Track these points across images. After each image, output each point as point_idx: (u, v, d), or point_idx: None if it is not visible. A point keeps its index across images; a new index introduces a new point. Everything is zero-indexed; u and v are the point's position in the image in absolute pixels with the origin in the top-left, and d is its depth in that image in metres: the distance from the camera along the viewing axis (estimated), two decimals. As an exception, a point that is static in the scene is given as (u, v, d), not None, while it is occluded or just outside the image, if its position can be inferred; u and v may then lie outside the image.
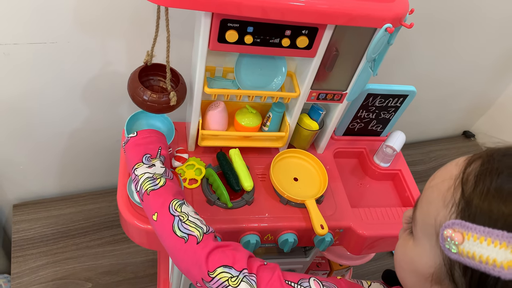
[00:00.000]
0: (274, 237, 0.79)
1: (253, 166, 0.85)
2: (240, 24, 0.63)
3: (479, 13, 1.29)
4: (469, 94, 1.66)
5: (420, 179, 1.60)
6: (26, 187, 1.23)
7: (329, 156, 0.92)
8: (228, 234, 0.76)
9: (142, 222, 0.72)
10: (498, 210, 0.35)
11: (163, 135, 0.72)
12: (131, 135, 0.69)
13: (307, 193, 0.81)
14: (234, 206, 0.77)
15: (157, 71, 0.77)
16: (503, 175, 0.37)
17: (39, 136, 1.09)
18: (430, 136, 1.79)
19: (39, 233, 1.18)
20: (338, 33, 0.68)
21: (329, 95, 0.78)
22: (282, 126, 0.85)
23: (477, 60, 1.49)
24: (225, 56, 0.76)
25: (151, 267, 1.18)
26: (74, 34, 0.89)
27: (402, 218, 0.52)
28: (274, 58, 0.75)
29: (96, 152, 1.20)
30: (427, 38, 1.30)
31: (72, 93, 1.02)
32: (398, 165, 0.93)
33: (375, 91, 0.84)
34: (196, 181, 0.80)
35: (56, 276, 1.11)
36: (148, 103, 0.71)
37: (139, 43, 0.95)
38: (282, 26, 0.64)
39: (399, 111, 0.90)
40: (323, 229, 0.75)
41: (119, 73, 0.99)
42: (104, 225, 1.23)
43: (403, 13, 0.64)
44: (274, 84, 0.78)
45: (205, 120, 0.81)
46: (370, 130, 0.95)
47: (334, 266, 1.12)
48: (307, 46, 0.68)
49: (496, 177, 0.37)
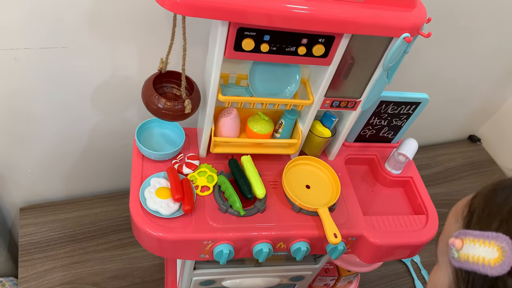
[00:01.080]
0: (286, 245, 0.78)
1: (265, 173, 0.84)
2: (256, 33, 0.63)
3: (486, 18, 1.29)
4: (475, 98, 1.65)
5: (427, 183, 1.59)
6: (33, 191, 1.22)
7: (340, 162, 0.91)
8: (240, 242, 0.75)
9: (154, 230, 0.72)
10: (492, 216, 0.40)
11: None
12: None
13: (320, 201, 0.80)
14: (247, 214, 0.77)
15: (171, 78, 0.77)
16: (506, 190, 0.42)
17: (47, 140, 1.09)
18: (436, 140, 1.79)
19: (46, 237, 1.18)
20: (355, 42, 0.67)
21: (343, 102, 0.78)
22: (294, 133, 0.85)
23: (483, 64, 1.49)
24: (239, 63, 0.76)
25: (158, 271, 1.17)
26: (86, 39, 0.88)
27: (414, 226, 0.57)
28: (288, 66, 0.75)
29: (104, 156, 1.19)
30: (433, 43, 1.30)
31: (81, 98, 1.01)
32: (410, 172, 0.93)
33: (388, 98, 0.84)
34: (208, 188, 0.79)
35: (63, 280, 1.11)
36: (162, 111, 0.71)
37: (150, 49, 0.94)
38: (298, 34, 0.64)
39: (411, 118, 0.90)
40: (337, 238, 0.74)
41: (129, 78, 0.99)
42: (111, 229, 1.23)
43: (421, 22, 0.64)
44: (288, 92, 0.78)
45: (217, 127, 0.81)
46: (382, 137, 0.94)
47: (342, 272, 1.11)
48: (323, 54, 0.67)
49: (500, 192, 0.42)
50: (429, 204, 0.88)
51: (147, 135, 0.84)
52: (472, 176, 1.69)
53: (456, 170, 1.69)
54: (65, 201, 1.26)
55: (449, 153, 1.76)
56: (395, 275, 1.32)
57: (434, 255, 1.40)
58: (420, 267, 1.35)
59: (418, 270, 1.34)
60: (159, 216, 0.73)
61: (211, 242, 0.74)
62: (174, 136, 0.85)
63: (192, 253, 0.76)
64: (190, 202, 0.74)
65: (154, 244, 0.75)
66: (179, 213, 0.74)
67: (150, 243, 0.75)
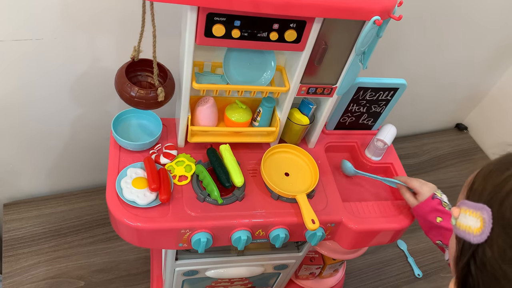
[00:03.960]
0: (265, 232, 0.78)
1: (244, 161, 0.84)
2: (226, 18, 0.62)
3: (471, 6, 1.29)
4: (461, 86, 1.66)
5: (413, 172, 1.61)
6: (16, 186, 1.21)
7: (321, 150, 0.91)
8: (218, 230, 0.75)
9: (130, 219, 0.72)
10: (484, 189, 0.43)
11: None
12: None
13: (298, 188, 0.80)
14: (225, 202, 0.77)
15: (145, 67, 0.76)
16: (503, 166, 0.43)
17: (28, 134, 1.08)
18: (423, 129, 1.80)
19: (31, 232, 1.18)
20: (327, 27, 0.67)
21: (319, 89, 0.78)
22: (273, 121, 0.85)
23: (469, 53, 1.49)
24: (213, 51, 0.75)
25: (144, 264, 1.17)
26: (61, 30, 0.88)
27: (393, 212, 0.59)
28: (263, 53, 0.74)
29: (87, 150, 1.19)
30: (419, 32, 1.30)
31: (60, 90, 1.00)
32: (390, 159, 0.93)
33: (366, 84, 0.84)
34: (186, 177, 0.79)
35: (48, 275, 1.11)
36: (135, 99, 0.70)
37: (128, 39, 0.93)
38: (269, 19, 0.64)
39: (389, 104, 0.90)
40: (314, 224, 0.74)
41: (108, 69, 0.98)
42: (96, 223, 1.22)
43: (391, 5, 0.64)
44: (264, 79, 0.78)
45: (194, 116, 0.80)
46: (361, 124, 0.94)
47: (327, 260, 1.12)
48: (296, 39, 0.67)
49: (497, 168, 0.43)
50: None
51: (124, 126, 0.83)
52: (459, 164, 1.70)
53: (443, 159, 1.70)
54: (50, 196, 1.25)
55: (436, 141, 1.77)
56: (382, 263, 1.33)
57: (420, 243, 1.41)
58: (406, 254, 1.36)
59: (405, 258, 1.35)
60: (136, 206, 0.73)
61: (188, 231, 0.74)
62: (151, 126, 0.84)
63: (170, 242, 0.75)
64: (166, 192, 0.73)
65: (132, 234, 0.75)
66: (156, 203, 0.74)
67: (128, 233, 0.75)
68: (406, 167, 0.94)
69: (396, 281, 1.29)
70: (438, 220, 0.76)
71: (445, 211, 0.77)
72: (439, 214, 0.76)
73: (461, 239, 0.43)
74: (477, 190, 0.44)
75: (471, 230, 0.41)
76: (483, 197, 0.42)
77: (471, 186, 0.45)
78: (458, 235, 0.44)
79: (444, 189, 1.57)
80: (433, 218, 0.77)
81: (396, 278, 1.30)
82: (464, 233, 0.42)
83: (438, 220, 0.76)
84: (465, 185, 0.48)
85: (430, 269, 1.34)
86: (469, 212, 0.42)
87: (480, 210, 0.41)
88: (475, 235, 0.41)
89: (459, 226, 0.43)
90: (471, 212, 0.42)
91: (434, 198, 0.78)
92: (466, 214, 0.43)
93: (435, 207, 0.77)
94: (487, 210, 0.40)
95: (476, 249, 0.41)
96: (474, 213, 0.42)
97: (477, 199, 0.43)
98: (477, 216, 0.41)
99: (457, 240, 0.45)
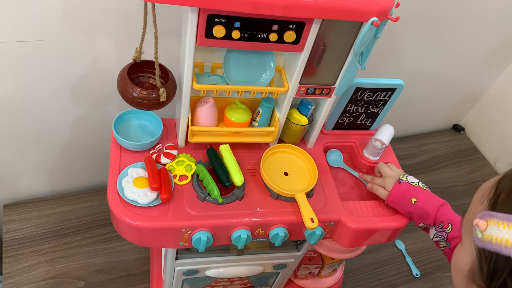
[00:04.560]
0: (265, 231, 0.79)
1: (244, 161, 0.85)
2: (227, 19, 0.63)
3: (467, 7, 1.31)
4: (458, 87, 1.67)
5: (412, 172, 1.61)
6: (16, 187, 1.22)
7: (319, 150, 0.92)
8: (219, 229, 0.76)
9: (131, 218, 0.72)
10: None
11: None
12: None
13: (298, 187, 0.81)
14: (225, 201, 0.78)
15: (147, 68, 0.77)
16: None
17: (28, 135, 1.09)
18: (421, 129, 1.81)
19: (31, 232, 1.18)
20: (325, 28, 0.68)
21: (318, 89, 0.79)
22: (272, 121, 0.86)
23: (466, 53, 1.51)
24: (213, 52, 0.76)
25: (144, 264, 1.18)
26: (62, 32, 0.89)
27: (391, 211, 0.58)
28: (262, 53, 0.76)
29: (87, 150, 1.19)
30: (416, 32, 1.31)
31: (61, 91, 1.01)
32: (388, 158, 0.94)
33: (363, 85, 0.85)
34: (186, 177, 0.80)
35: (48, 275, 1.11)
36: (138, 100, 0.71)
37: (128, 40, 0.94)
38: (269, 21, 0.65)
39: (387, 104, 0.91)
40: (313, 223, 0.75)
41: (109, 70, 0.99)
42: (96, 223, 1.23)
43: (389, 6, 0.65)
44: (263, 79, 0.79)
45: (194, 116, 0.81)
46: (360, 124, 0.95)
47: (326, 260, 1.13)
48: (295, 40, 0.68)
49: None
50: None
51: (125, 126, 0.84)
52: (456, 164, 1.71)
53: (440, 159, 1.71)
54: (49, 197, 1.26)
55: (434, 142, 1.78)
56: (380, 262, 1.34)
57: (418, 243, 1.42)
58: (404, 254, 1.37)
59: (403, 258, 1.36)
60: (137, 205, 0.74)
61: (189, 230, 0.74)
62: (152, 127, 0.85)
63: (170, 241, 0.76)
64: (167, 191, 0.74)
65: (133, 233, 0.75)
66: (157, 202, 0.75)
67: (129, 232, 0.76)
68: (404, 167, 0.95)
69: (394, 281, 1.30)
70: (413, 201, 0.78)
71: (415, 188, 0.78)
72: (412, 196, 0.78)
73: (491, 254, 0.41)
74: (507, 200, 0.41)
75: (509, 244, 0.39)
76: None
77: (495, 196, 0.43)
78: (487, 248, 0.41)
79: (442, 189, 1.59)
80: (407, 201, 0.78)
81: (394, 278, 1.31)
82: (500, 247, 0.39)
83: (413, 201, 0.78)
84: (482, 196, 0.45)
85: (428, 269, 1.35)
86: (503, 224, 0.40)
87: None
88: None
89: (489, 239, 0.40)
90: (505, 224, 0.39)
91: (401, 182, 0.80)
92: (498, 227, 0.40)
93: (405, 190, 0.79)
94: None
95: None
96: (510, 225, 0.39)
97: (510, 210, 0.41)
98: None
99: (484, 255, 0.42)
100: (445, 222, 0.76)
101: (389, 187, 0.82)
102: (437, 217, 0.77)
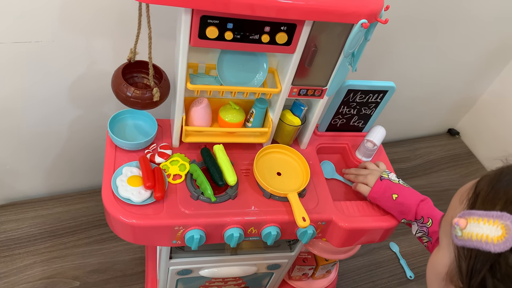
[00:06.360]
0: (257, 230, 0.80)
1: (237, 161, 0.86)
2: (220, 21, 0.65)
3: (462, 12, 1.32)
4: (453, 92, 1.69)
5: (406, 176, 1.63)
6: (13, 187, 1.23)
7: (312, 151, 0.94)
8: (211, 227, 0.77)
9: (126, 216, 0.73)
10: (497, 196, 0.41)
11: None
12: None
13: (290, 187, 0.82)
14: (218, 200, 0.79)
15: (141, 68, 0.78)
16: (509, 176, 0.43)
17: (25, 136, 1.10)
18: (416, 134, 1.82)
19: (27, 233, 1.19)
20: (317, 29, 0.70)
21: (310, 90, 0.80)
22: (265, 122, 0.87)
23: (460, 58, 1.53)
24: (207, 53, 0.78)
25: (139, 265, 1.19)
26: (59, 33, 0.90)
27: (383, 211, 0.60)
28: (255, 55, 0.77)
29: (83, 151, 1.21)
30: (411, 37, 1.33)
31: (58, 92, 1.02)
32: (380, 160, 0.95)
33: (355, 87, 0.86)
34: (180, 176, 0.81)
35: (44, 275, 1.12)
36: (131, 99, 0.73)
37: (125, 42, 0.95)
38: (261, 22, 0.66)
39: (379, 106, 0.92)
40: (305, 221, 0.76)
41: (105, 71, 1.00)
42: (92, 224, 1.24)
43: (378, 9, 0.66)
44: (256, 80, 0.80)
45: (189, 117, 0.82)
46: (352, 126, 0.97)
47: (320, 261, 1.13)
48: (286, 42, 0.69)
49: (505, 176, 0.43)
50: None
51: (121, 126, 0.85)
52: (451, 168, 1.72)
53: (435, 163, 1.73)
54: (46, 197, 1.27)
55: (429, 146, 1.79)
56: (374, 264, 1.34)
57: (412, 245, 1.42)
58: (398, 256, 1.37)
59: (397, 260, 1.37)
60: (131, 204, 0.75)
61: (182, 228, 0.75)
62: (147, 127, 0.86)
63: (164, 239, 0.77)
64: (161, 189, 0.75)
65: (127, 231, 0.76)
66: (151, 200, 0.76)
67: (123, 230, 0.77)
68: (399, 171, 0.96)
69: (388, 283, 1.31)
70: (394, 197, 0.79)
71: (396, 185, 0.80)
72: (392, 192, 0.80)
73: (471, 252, 0.41)
74: (487, 199, 0.42)
75: (490, 239, 0.39)
76: (497, 205, 0.41)
77: (475, 195, 0.44)
78: (467, 246, 0.41)
79: (436, 193, 1.60)
80: (389, 197, 0.80)
81: (388, 280, 1.32)
82: (480, 243, 0.40)
83: (394, 197, 0.79)
84: (461, 197, 0.46)
85: (422, 271, 1.35)
86: (482, 221, 0.40)
87: (499, 218, 0.39)
88: (495, 244, 0.39)
89: (469, 236, 0.41)
90: (485, 220, 0.40)
91: (382, 179, 0.82)
92: (478, 223, 0.40)
93: (386, 186, 0.81)
94: (508, 217, 0.39)
95: (497, 258, 0.39)
96: (490, 221, 0.40)
97: (490, 207, 0.41)
98: (495, 223, 0.39)
99: (463, 253, 0.42)
100: (425, 216, 0.78)
101: (371, 183, 0.84)
102: (417, 212, 0.78)
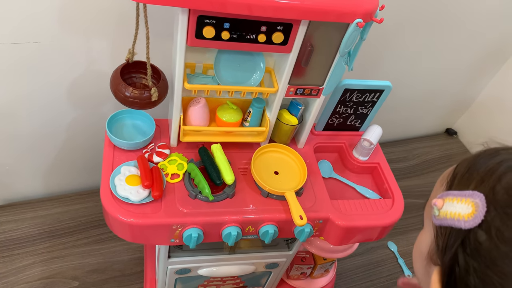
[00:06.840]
0: (255, 228, 0.81)
1: (235, 161, 0.87)
2: (216, 21, 0.65)
3: (459, 12, 1.33)
4: (451, 92, 1.70)
5: (404, 175, 1.64)
6: (12, 188, 1.23)
7: (310, 151, 0.94)
8: (210, 226, 0.77)
9: (125, 216, 0.74)
10: (471, 177, 0.44)
11: None
12: None
13: (287, 186, 0.83)
14: (216, 199, 0.79)
15: (139, 69, 0.79)
16: (486, 157, 0.45)
17: (24, 137, 1.10)
18: (414, 133, 1.83)
19: (26, 233, 1.19)
20: (313, 29, 0.70)
21: (307, 90, 0.81)
22: (263, 121, 0.87)
23: (458, 58, 1.53)
24: (204, 53, 0.78)
25: (138, 265, 1.19)
26: (58, 34, 0.91)
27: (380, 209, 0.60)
28: (252, 54, 0.78)
29: (82, 152, 1.21)
30: (408, 37, 1.34)
31: (56, 93, 1.03)
32: (377, 159, 0.96)
33: (352, 86, 0.87)
34: (178, 175, 0.81)
35: (43, 275, 1.12)
36: (130, 99, 0.73)
37: (123, 42, 0.96)
38: (257, 22, 0.67)
39: (376, 106, 0.93)
40: (302, 220, 0.77)
41: (104, 72, 1.01)
42: (91, 224, 1.24)
43: (373, 8, 0.67)
44: (253, 80, 0.81)
45: (186, 116, 0.83)
46: (349, 125, 0.97)
47: (318, 260, 1.14)
48: (283, 41, 0.70)
49: (480, 159, 0.45)
50: (395, 188, 0.91)
51: (119, 126, 0.86)
52: (448, 168, 1.72)
53: (432, 163, 1.73)
54: (45, 198, 1.27)
55: (426, 146, 1.80)
56: (372, 264, 1.35)
57: (410, 245, 1.43)
58: (397, 255, 1.38)
59: (395, 259, 1.37)
60: (129, 203, 0.75)
61: (180, 227, 0.76)
62: (145, 126, 0.87)
63: (162, 238, 0.78)
64: (159, 188, 0.76)
65: (125, 230, 0.77)
66: (149, 199, 0.76)
67: (122, 229, 0.77)
68: (396, 170, 0.97)
69: (387, 282, 1.31)
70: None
71: None
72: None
73: (446, 229, 0.44)
74: (462, 179, 0.44)
75: (461, 216, 0.42)
76: (471, 185, 0.43)
77: (453, 177, 0.46)
78: (443, 225, 0.44)
79: (434, 192, 1.60)
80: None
81: (386, 279, 1.32)
82: (453, 221, 0.42)
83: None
84: (442, 180, 0.49)
85: (420, 270, 1.36)
86: (456, 200, 0.43)
87: (470, 196, 0.42)
88: (466, 221, 0.41)
89: (444, 215, 0.44)
90: (459, 199, 0.43)
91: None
92: (453, 203, 0.43)
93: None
94: (478, 195, 0.41)
95: (467, 234, 0.41)
96: (463, 200, 0.42)
97: (465, 187, 0.44)
98: (467, 202, 0.42)
99: (440, 232, 0.45)
100: None
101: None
102: None
